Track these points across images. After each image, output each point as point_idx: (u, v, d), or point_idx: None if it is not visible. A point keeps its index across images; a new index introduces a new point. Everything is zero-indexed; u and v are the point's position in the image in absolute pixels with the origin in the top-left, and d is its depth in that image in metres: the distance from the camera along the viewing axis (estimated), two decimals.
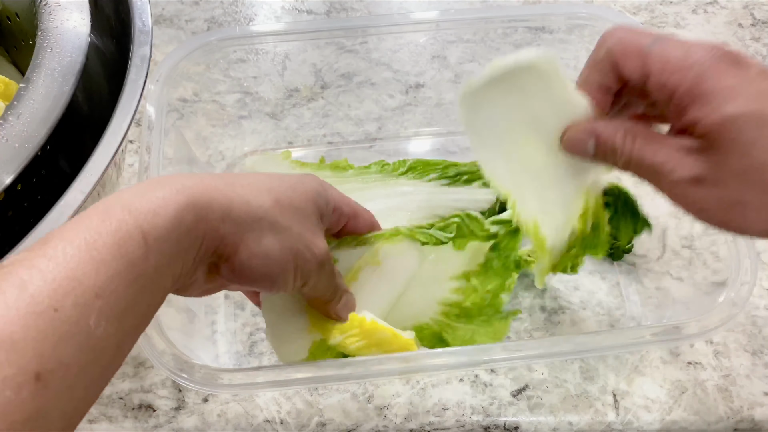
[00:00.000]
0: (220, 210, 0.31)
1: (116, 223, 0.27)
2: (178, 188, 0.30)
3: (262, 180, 0.36)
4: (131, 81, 0.42)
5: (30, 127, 0.37)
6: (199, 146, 0.64)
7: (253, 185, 0.35)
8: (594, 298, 0.57)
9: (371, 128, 0.67)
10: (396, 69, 0.69)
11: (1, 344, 0.22)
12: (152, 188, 0.30)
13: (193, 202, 0.30)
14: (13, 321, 0.23)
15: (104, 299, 0.26)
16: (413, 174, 0.60)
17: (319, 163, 0.61)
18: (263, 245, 0.33)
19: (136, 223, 0.28)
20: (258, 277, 0.34)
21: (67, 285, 0.25)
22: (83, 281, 0.25)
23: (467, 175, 0.60)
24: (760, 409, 0.51)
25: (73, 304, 0.25)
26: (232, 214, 0.32)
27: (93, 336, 0.25)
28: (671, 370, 0.53)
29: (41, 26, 0.42)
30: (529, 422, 0.51)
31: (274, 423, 0.50)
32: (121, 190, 0.30)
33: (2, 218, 0.41)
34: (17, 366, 0.23)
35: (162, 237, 0.29)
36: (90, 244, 0.26)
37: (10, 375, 0.22)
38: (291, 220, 0.35)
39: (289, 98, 0.67)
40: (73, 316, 0.24)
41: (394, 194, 0.59)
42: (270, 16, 0.75)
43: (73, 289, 0.25)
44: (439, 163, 0.61)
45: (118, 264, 0.27)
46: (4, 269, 0.25)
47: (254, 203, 0.33)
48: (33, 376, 0.23)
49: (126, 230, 0.27)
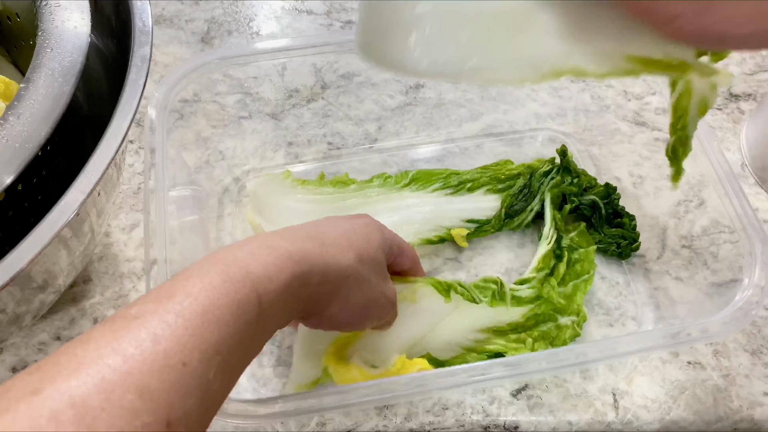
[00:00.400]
0: (320, 275, 0.36)
1: (236, 286, 0.30)
2: (287, 255, 0.34)
3: (342, 235, 0.40)
4: (131, 81, 0.42)
5: (30, 127, 0.37)
6: (200, 146, 0.64)
7: (338, 243, 0.38)
8: (594, 298, 0.57)
9: (371, 128, 0.67)
10: None
11: (141, 393, 0.25)
12: (265, 252, 0.33)
13: (300, 271, 0.34)
14: (150, 373, 0.26)
15: (222, 356, 0.29)
16: (416, 185, 0.60)
17: (320, 179, 0.61)
18: (351, 300, 0.38)
19: (253, 287, 0.31)
20: (343, 326, 0.40)
21: (194, 342, 0.27)
22: (207, 338, 0.28)
23: (470, 183, 0.60)
24: (760, 409, 0.51)
25: (199, 360, 0.27)
26: (329, 277, 0.36)
27: (211, 389, 0.28)
28: (671, 369, 0.53)
29: (41, 26, 0.42)
30: (529, 422, 0.51)
31: (274, 423, 0.50)
32: (230, 247, 0.33)
33: (2, 218, 0.42)
34: (153, 414, 0.25)
35: (273, 301, 0.32)
36: (214, 302, 0.29)
37: (148, 422, 0.25)
38: (371, 272, 0.40)
39: (289, 98, 0.67)
40: (198, 371, 0.27)
41: (399, 208, 0.59)
42: (270, 17, 0.75)
43: (199, 345, 0.27)
44: (441, 172, 0.61)
45: (236, 324, 0.30)
46: (137, 321, 0.27)
47: (344, 263, 0.37)
48: (165, 424, 0.25)
49: (245, 293, 0.31)
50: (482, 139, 0.67)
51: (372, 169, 0.65)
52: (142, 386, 0.25)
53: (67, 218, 0.36)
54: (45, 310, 0.49)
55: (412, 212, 0.59)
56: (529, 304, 0.54)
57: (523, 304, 0.54)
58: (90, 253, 0.49)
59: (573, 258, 0.57)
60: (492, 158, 0.65)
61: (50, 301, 0.48)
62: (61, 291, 0.48)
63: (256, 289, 0.31)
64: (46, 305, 0.48)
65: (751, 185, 0.63)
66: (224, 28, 0.74)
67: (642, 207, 0.60)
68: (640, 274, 0.58)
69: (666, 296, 0.56)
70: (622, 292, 0.57)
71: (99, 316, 0.55)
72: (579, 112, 0.67)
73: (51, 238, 0.35)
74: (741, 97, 0.69)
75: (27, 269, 0.34)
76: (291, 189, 0.58)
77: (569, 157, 0.61)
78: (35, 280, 0.43)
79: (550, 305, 0.54)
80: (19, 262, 0.34)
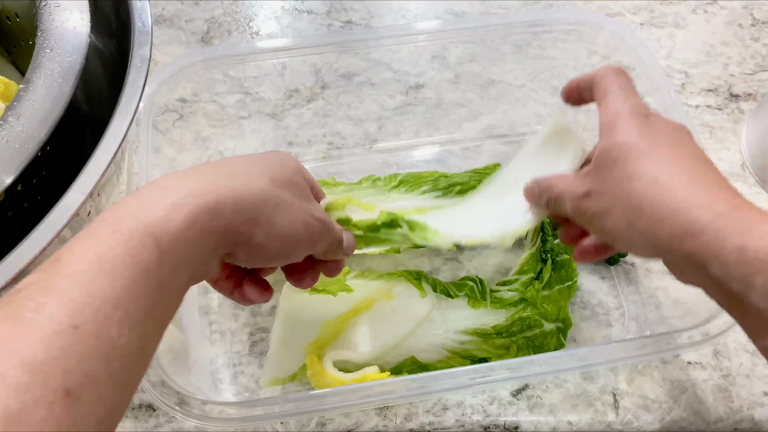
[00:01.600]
0: (232, 204, 0.32)
1: (127, 233, 0.28)
2: (186, 192, 0.31)
3: (251, 164, 0.37)
4: (131, 81, 0.42)
5: (30, 128, 0.37)
6: (199, 146, 0.64)
7: (248, 171, 0.36)
8: (594, 298, 0.57)
9: (371, 128, 0.67)
10: (396, 69, 0.69)
11: (26, 367, 0.23)
12: (159, 195, 0.31)
13: (205, 203, 0.31)
14: (34, 344, 0.24)
15: (123, 309, 0.26)
16: (405, 188, 0.60)
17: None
18: (276, 224, 0.35)
19: (147, 231, 0.28)
20: (274, 255, 0.36)
21: (84, 301, 0.25)
22: (100, 295, 0.26)
23: (459, 186, 0.59)
24: (760, 409, 0.51)
25: (93, 319, 0.25)
26: (242, 204, 0.33)
27: (117, 346, 0.26)
28: (671, 369, 0.53)
29: (41, 26, 0.42)
30: (529, 422, 0.51)
31: (274, 422, 0.50)
32: (123, 199, 0.31)
33: (2, 218, 0.41)
34: (45, 386, 0.23)
35: (175, 241, 0.29)
36: (102, 257, 0.27)
37: (40, 395, 0.23)
38: (291, 194, 0.37)
39: (289, 98, 0.67)
40: (94, 330, 0.25)
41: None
42: (270, 17, 0.75)
43: (91, 304, 0.25)
44: (430, 174, 0.60)
45: (132, 273, 0.27)
46: (20, 294, 0.25)
47: (257, 188, 0.34)
48: (63, 393, 0.23)
49: (138, 239, 0.28)
50: (482, 139, 0.67)
51: (372, 169, 0.65)
52: (28, 359, 0.23)
53: (67, 218, 0.36)
54: None
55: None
56: (512, 307, 0.54)
57: (506, 307, 0.54)
58: None
59: (558, 262, 0.56)
60: (492, 158, 0.65)
61: None
62: None
63: (151, 233, 0.28)
64: None
65: (751, 185, 0.63)
66: (224, 28, 0.74)
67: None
68: (641, 274, 0.58)
69: (667, 296, 0.56)
70: (623, 291, 0.57)
71: None
72: (579, 112, 0.67)
73: (51, 238, 0.35)
74: (741, 97, 0.69)
75: (27, 269, 0.34)
76: None
77: None
78: None
79: (534, 310, 0.53)
80: (19, 262, 0.34)
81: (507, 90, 0.68)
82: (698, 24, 0.74)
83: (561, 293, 0.55)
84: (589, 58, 0.62)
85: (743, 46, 0.73)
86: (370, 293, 0.53)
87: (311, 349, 0.50)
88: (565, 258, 0.57)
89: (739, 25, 0.74)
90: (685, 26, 0.74)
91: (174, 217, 0.30)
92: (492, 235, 0.50)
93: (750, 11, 0.76)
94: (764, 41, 0.73)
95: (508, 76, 0.68)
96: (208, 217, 0.31)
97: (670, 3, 0.76)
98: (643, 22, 0.74)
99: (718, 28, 0.74)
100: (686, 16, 0.75)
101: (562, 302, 0.55)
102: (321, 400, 0.42)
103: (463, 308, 0.54)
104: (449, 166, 0.65)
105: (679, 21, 0.75)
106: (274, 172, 0.37)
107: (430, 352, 0.52)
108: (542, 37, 0.65)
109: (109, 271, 0.27)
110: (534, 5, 0.76)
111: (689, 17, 0.75)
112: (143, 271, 0.28)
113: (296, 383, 0.52)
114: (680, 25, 0.74)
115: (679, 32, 0.74)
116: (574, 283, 0.56)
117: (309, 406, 0.41)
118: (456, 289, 0.53)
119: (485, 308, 0.54)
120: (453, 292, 0.53)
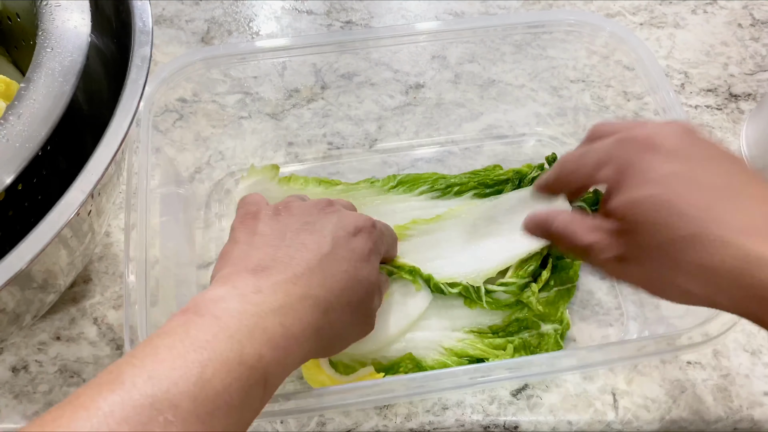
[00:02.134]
0: (323, 348, 0.40)
1: (249, 371, 0.31)
2: (294, 337, 0.35)
3: (344, 289, 0.39)
4: (132, 81, 0.42)
5: (30, 127, 0.37)
6: (200, 146, 0.64)
7: (340, 306, 0.39)
8: (593, 298, 0.57)
9: (371, 128, 0.67)
10: (396, 69, 0.69)
11: None
12: (277, 331, 0.34)
13: (304, 352, 0.36)
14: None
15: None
16: (403, 188, 0.60)
17: (305, 178, 0.60)
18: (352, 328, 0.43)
19: (263, 373, 0.32)
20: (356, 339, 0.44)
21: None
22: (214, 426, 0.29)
23: (458, 187, 0.60)
24: (760, 409, 0.51)
25: None
26: (332, 341, 0.41)
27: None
28: (670, 369, 0.53)
29: (42, 26, 0.42)
30: (529, 422, 0.51)
31: (274, 422, 0.50)
32: (244, 313, 0.33)
33: (2, 218, 0.42)
34: None
35: (276, 383, 0.34)
36: (226, 387, 0.30)
37: None
38: (368, 303, 0.43)
39: (289, 98, 0.67)
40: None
41: (385, 212, 0.58)
42: (270, 17, 0.75)
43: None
44: (429, 176, 0.60)
45: (241, 410, 0.31)
46: (154, 410, 0.27)
47: (345, 324, 0.40)
48: None
49: (255, 380, 0.32)
50: (482, 140, 0.67)
51: (372, 169, 0.65)
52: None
53: (67, 218, 0.36)
54: (45, 310, 0.49)
55: (398, 217, 0.58)
56: (507, 309, 0.54)
57: (502, 308, 0.54)
58: (90, 253, 0.49)
59: (559, 265, 0.57)
60: (492, 158, 0.65)
61: (50, 301, 0.48)
62: (61, 291, 0.48)
63: (264, 375, 0.32)
64: (46, 305, 0.48)
65: None
66: (224, 28, 0.74)
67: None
68: None
69: None
70: (623, 291, 0.57)
71: (99, 315, 0.55)
72: (579, 112, 0.67)
73: (51, 238, 0.35)
74: (741, 97, 0.69)
75: (27, 269, 0.34)
76: (278, 188, 0.58)
77: None
78: (35, 280, 0.43)
79: (531, 311, 0.54)
80: (19, 262, 0.34)
81: (507, 90, 0.68)
82: (698, 24, 0.74)
83: (560, 295, 0.55)
84: (588, 59, 0.63)
85: (743, 46, 0.73)
86: None
87: None
88: (567, 261, 0.57)
89: (739, 25, 0.74)
90: (684, 26, 0.74)
91: (283, 361, 0.34)
92: (465, 274, 0.53)
93: (750, 11, 0.76)
94: (764, 41, 0.73)
95: (508, 76, 0.68)
96: (301, 360, 0.36)
97: (670, 3, 0.76)
98: (642, 23, 0.74)
99: (718, 28, 0.74)
100: (686, 16, 0.75)
101: (561, 304, 0.55)
102: (321, 399, 0.42)
103: (460, 307, 0.54)
104: (449, 166, 0.65)
105: (678, 21, 0.75)
106: (360, 301, 0.41)
107: (426, 349, 0.52)
108: (542, 37, 0.65)
109: (228, 403, 0.29)
110: (534, 5, 0.76)
111: (689, 17, 0.75)
112: (249, 410, 0.31)
113: (297, 382, 0.52)
114: (680, 26, 0.74)
115: (678, 32, 0.74)
116: (573, 286, 0.56)
117: (309, 405, 0.41)
118: (450, 287, 0.53)
119: (481, 308, 0.54)
120: (447, 289, 0.52)
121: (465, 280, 0.53)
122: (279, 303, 0.35)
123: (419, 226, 0.57)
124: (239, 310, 0.33)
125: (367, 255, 0.42)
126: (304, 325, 0.35)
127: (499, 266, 0.54)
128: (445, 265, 0.54)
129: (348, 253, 0.40)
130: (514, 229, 0.57)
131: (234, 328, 0.31)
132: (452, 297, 0.54)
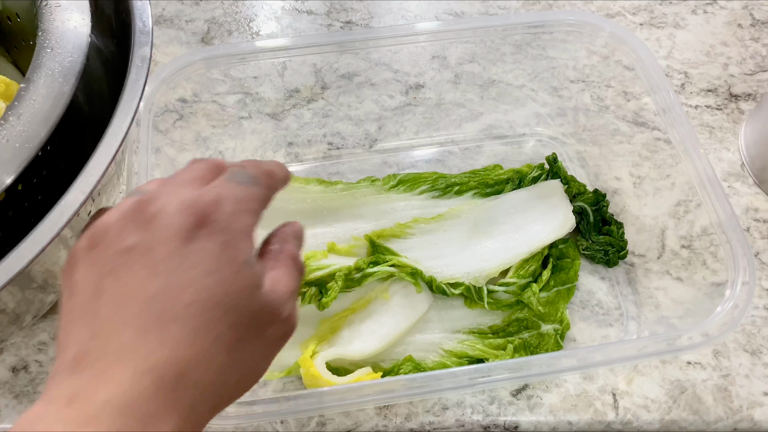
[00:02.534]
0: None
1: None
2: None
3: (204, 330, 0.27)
4: (132, 81, 0.42)
5: (30, 128, 0.37)
6: (200, 146, 0.64)
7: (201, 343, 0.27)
8: (593, 298, 0.57)
9: (371, 128, 0.67)
10: (396, 69, 0.69)
11: None
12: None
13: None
14: None
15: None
16: (403, 187, 0.60)
17: (306, 178, 0.60)
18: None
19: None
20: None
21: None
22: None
23: (458, 187, 0.60)
24: (760, 409, 0.51)
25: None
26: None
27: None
28: (670, 369, 0.53)
29: (42, 26, 0.42)
30: (529, 422, 0.51)
31: (274, 422, 0.50)
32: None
33: (2, 218, 0.42)
34: None
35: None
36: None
37: None
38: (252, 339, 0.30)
39: (290, 99, 0.67)
40: None
41: (385, 211, 0.59)
42: (270, 17, 0.75)
43: None
44: (429, 175, 0.61)
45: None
46: None
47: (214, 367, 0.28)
48: None
49: None
50: (482, 140, 0.67)
51: (372, 169, 0.65)
52: None
53: (67, 218, 0.36)
54: (45, 310, 0.49)
55: (398, 216, 0.58)
56: (508, 308, 0.54)
57: (502, 308, 0.54)
58: None
59: (559, 265, 0.57)
60: (492, 158, 0.65)
61: (50, 301, 0.48)
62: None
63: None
64: (46, 305, 0.48)
65: (750, 185, 0.63)
66: (224, 28, 0.74)
67: (641, 207, 0.60)
68: (640, 274, 0.58)
69: (666, 296, 0.56)
70: (623, 292, 0.57)
71: None
72: (579, 112, 0.67)
73: (51, 238, 0.35)
74: (741, 97, 0.69)
75: (27, 269, 0.34)
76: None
77: (559, 164, 0.61)
78: (35, 280, 0.43)
79: (531, 311, 0.54)
80: (19, 262, 0.34)
81: (507, 90, 0.68)
82: (698, 24, 0.74)
83: (560, 295, 0.55)
84: (588, 59, 0.63)
85: (743, 47, 0.73)
86: (367, 292, 0.53)
87: (307, 346, 0.51)
88: (567, 261, 0.57)
89: (739, 26, 0.74)
90: (684, 26, 0.74)
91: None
92: (467, 274, 0.54)
93: (750, 11, 0.76)
94: (764, 41, 0.73)
95: (508, 76, 0.68)
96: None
97: (670, 3, 0.76)
98: (642, 23, 0.74)
99: (718, 28, 0.74)
100: (686, 16, 0.75)
101: (561, 305, 0.55)
102: (321, 399, 0.42)
103: (460, 308, 0.54)
104: (449, 166, 0.65)
105: (678, 21, 0.75)
106: (239, 351, 0.29)
107: (426, 351, 0.52)
108: (542, 37, 0.65)
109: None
110: (534, 5, 0.76)
111: (689, 17, 0.75)
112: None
113: (297, 382, 0.52)
114: (680, 26, 0.74)
115: (678, 32, 0.74)
116: (573, 286, 0.56)
117: (309, 405, 0.41)
118: (452, 288, 0.53)
119: (482, 308, 0.54)
120: (450, 291, 0.53)
121: (467, 280, 0.53)
122: (103, 402, 0.25)
123: (420, 225, 0.57)
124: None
125: (224, 251, 0.28)
126: (149, 413, 0.25)
127: (501, 266, 0.54)
128: (446, 265, 0.54)
129: (191, 269, 0.27)
130: (515, 229, 0.57)
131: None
132: (453, 298, 0.54)
